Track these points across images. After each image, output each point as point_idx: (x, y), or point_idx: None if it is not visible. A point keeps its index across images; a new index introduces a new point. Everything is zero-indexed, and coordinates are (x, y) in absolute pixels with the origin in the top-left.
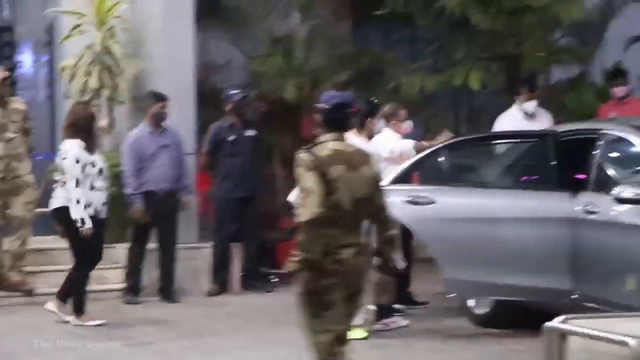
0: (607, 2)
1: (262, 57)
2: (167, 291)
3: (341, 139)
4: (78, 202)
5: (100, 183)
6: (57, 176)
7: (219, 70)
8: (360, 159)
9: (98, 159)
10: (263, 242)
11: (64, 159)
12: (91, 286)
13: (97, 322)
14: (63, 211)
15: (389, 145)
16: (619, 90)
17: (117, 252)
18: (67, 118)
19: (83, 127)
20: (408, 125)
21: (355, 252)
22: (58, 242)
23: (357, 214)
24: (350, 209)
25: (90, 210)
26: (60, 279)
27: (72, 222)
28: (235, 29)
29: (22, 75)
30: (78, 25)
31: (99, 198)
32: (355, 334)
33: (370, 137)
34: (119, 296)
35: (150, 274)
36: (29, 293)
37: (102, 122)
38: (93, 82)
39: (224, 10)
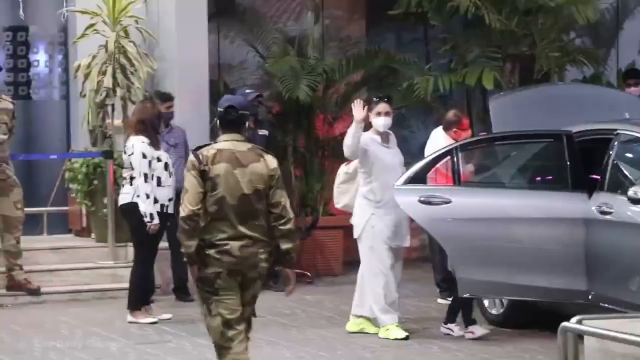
0: (621, 3)
1: (275, 57)
2: (182, 290)
3: (235, 139)
4: (147, 196)
5: (166, 178)
6: (124, 173)
7: (233, 70)
8: (250, 157)
9: (163, 155)
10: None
11: (131, 154)
12: (106, 284)
13: (152, 319)
14: (132, 207)
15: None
16: (633, 91)
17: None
18: (134, 115)
19: (149, 124)
20: (467, 134)
21: (243, 244)
22: (73, 241)
23: (248, 209)
24: (237, 204)
25: (157, 206)
26: (75, 277)
27: (141, 218)
28: (249, 29)
29: (37, 74)
30: (92, 25)
31: (165, 194)
32: (394, 333)
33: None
34: None
35: (164, 274)
36: (36, 292)
37: (117, 121)
38: (107, 82)
39: (238, 10)
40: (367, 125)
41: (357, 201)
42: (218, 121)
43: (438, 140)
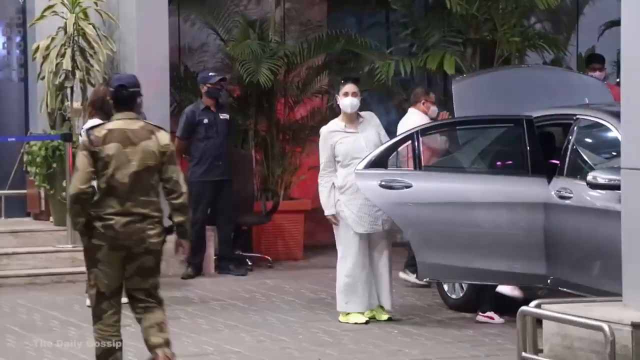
0: None
1: (236, 41)
2: None
3: (128, 117)
4: None
5: None
6: None
7: (194, 53)
8: (142, 134)
9: None
10: (238, 226)
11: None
12: (65, 268)
13: None
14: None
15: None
16: (597, 76)
17: None
18: (90, 97)
19: (101, 107)
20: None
21: (130, 220)
22: (31, 224)
23: (138, 186)
24: (128, 182)
25: None
26: (33, 261)
27: None
28: (210, 11)
29: None
30: (51, 6)
31: None
32: (354, 317)
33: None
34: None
35: None
36: None
37: (76, 104)
38: (66, 64)
39: None
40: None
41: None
42: (111, 100)
43: (408, 119)
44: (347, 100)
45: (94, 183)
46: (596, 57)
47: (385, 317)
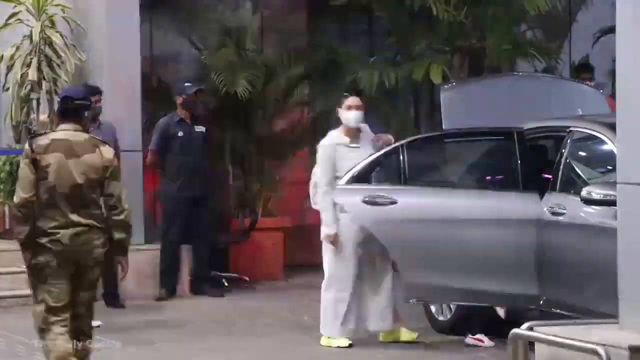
0: None
1: (212, 50)
2: (111, 296)
3: (73, 129)
4: None
5: None
6: None
7: (167, 63)
8: (86, 147)
9: None
10: (214, 244)
11: None
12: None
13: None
14: None
15: None
16: None
17: None
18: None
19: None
20: None
21: (76, 232)
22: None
23: (80, 199)
24: (68, 193)
25: None
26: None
27: None
28: (184, 19)
29: None
30: (15, 14)
31: None
32: (336, 341)
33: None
34: None
35: None
36: None
37: (42, 116)
38: (32, 74)
39: (172, 0)
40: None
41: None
42: (57, 111)
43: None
44: (351, 113)
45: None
46: (585, 66)
47: (410, 336)
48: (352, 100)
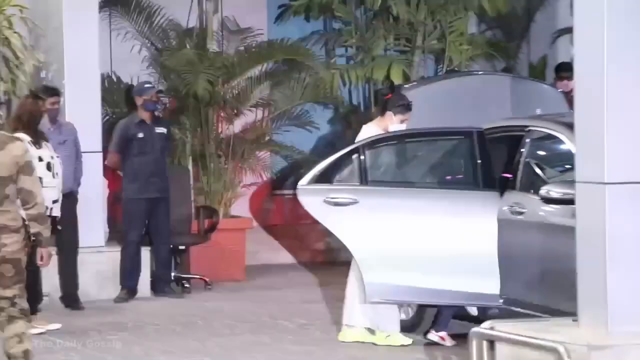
0: None
1: (171, 50)
2: (70, 298)
3: None
4: None
5: (49, 179)
6: None
7: (126, 63)
8: None
9: (45, 154)
10: (175, 246)
11: None
12: None
13: (40, 329)
14: None
15: None
16: (564, 85)
17: None
18: (15, 111)
19: (29, 121)
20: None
21: None
22: None
23: None
24: None
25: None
26: None
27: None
28: (143, 19)
29: None
30: None
31: (49, 196)
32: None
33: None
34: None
35: (51, 281)
36: None
37: None
38: None
39: (131, 0)
40: None
41: None
42: None
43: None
44: (402, 126)
45: None
46: (565, 65)
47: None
48: (408, 115)
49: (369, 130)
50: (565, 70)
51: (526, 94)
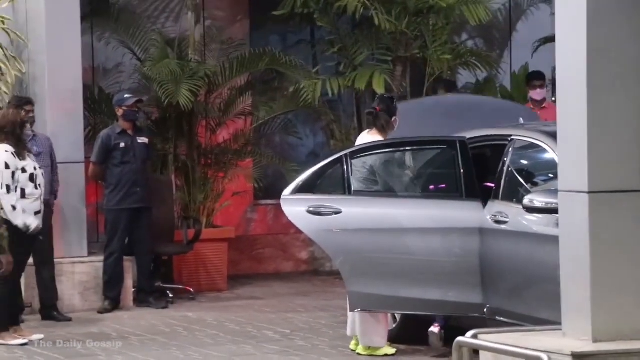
0: (513, 3)
1: (154, 60)
2: (52, 308)
3: None
4: (14, 208)
5: (31, 190)
6: None
7: (108, 73)
8: None
9: (29, 165)
10: (157, 256)
11: None
12: None
13: (22, 340)
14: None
15: None
16: (537, 93)
17: None
18: None
19: (10, 132)
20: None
21: None
22: None
23: None
24: None
25: (27, 215)
26: None
27: (15, 231)
28: (125, 30)
29: None
30: None
31: (31, 207)
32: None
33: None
34: None
35: (34, 292)
36: None
37: None
38: None
39: (113, 10)
40: None
41: None
42: None
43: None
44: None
45: None
46: (536, 74)
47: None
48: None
49: (369, 139)
50: (537, 78)
51: (505, 111)
